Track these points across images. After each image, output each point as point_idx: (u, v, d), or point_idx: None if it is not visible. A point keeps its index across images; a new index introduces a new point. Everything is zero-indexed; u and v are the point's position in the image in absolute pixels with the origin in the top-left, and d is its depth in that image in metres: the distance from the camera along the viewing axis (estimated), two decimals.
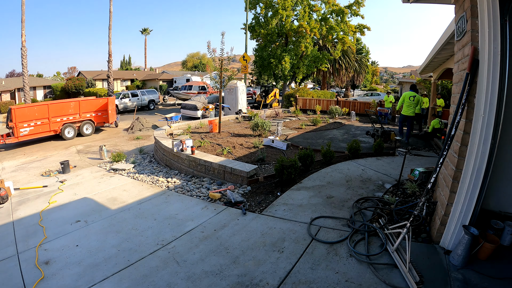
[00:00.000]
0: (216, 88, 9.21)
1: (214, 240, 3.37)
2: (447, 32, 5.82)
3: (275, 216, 3.86)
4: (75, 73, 43.83)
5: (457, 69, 3.19)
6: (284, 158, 5.04)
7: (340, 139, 8.55)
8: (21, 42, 19.46)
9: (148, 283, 2.69)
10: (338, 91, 33.86)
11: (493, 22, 2.43)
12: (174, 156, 6.56)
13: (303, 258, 2.93)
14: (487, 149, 2.57)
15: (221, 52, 8.27)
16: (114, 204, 4.72)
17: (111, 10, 22.03)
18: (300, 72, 19.95)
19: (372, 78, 48.32)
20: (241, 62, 16.44)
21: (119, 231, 3.74)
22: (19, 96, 26.19)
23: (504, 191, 2.90)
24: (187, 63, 61.01)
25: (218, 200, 4.59)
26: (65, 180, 6.29)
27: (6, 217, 4.50)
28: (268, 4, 18.90)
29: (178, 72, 43.34)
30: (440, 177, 3.33)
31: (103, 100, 13.50)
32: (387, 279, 2.53)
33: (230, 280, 2.67)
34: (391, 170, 5.47)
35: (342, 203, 4.11)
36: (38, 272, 2.94)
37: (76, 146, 10.57)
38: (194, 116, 15.23)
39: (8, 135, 10.75)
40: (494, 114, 2.51)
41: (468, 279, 2.49)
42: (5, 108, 20.13)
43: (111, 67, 23.11)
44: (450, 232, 2.81)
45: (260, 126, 8.81)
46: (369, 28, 20.31)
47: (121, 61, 52.53)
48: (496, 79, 2.48)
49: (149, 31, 50.48)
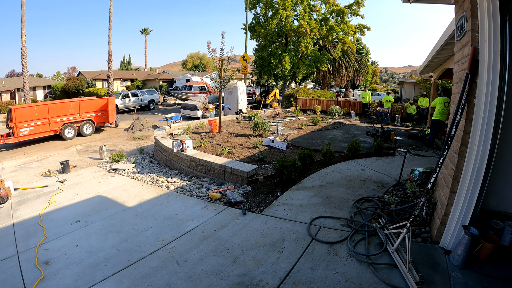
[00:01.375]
0: (216, 88, 9.21)
1: (214, 240, 3.37)
2: (447, 32, 5.83)
3: (275, 216, 3.86)
4: (75, 73, 43.84)
5: (457, 69, 3.18)
6: (284, 158, 5.04)
7: (340, 139, 8.55)
8: (21, 42, 19.46)
9: (148, 283, 2.69)
10: (338, 91, 33.82)
11: (493, 22, 2.43)
12: (174, 156, 6.56)
13: (303, 258, 2.92)
14: (487, 149, 2.56)
15: (221, 52, 8.27)
16: (114, 204, 4.72)
17: (111, 10, 22.03)
18: (300, 72, 19.94)
19: (372, 78, 48.29)
20: (241, 62, 16.45)
21: (119, 231, 3.74)
22: (19, 96, 26.19)
23: (504, 191, 2.89)
24: (187, 63, 61.00)
25: (218, 200, 4.59)
26: (65, 180, 6.29)
27: (6, 217, 4.50)
28: (268, 4, 18.89)
29: (178, 72, 43.32)
30: (440, 177, 3.33)
31: (103, 100, 13.50)
32: (387, 279, 2.53)
33: (230, 280, 2.67)
34: (391, 170, 5.47)
35: (342, 203, 4.11)
36: (38, 272, 2.94)
37: (76, 146, 10.56)
38: (194, 116, 15.23)
39: (8, 135, 10.74)
40: (494, 114, 2.51)
41: (468, 279, 2.49)
42: (5, 108, 20.13)
43: (111, 67, 23.10)
44: (450, 232, 2.81)
45: (260, 126, 8.81)
46: (369, 28, 20.31)
47: (121, 61, 52.55)
48: (496, 79, 2.48)
49: (149, 31, 50.49)
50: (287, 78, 20.31)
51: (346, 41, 19.77)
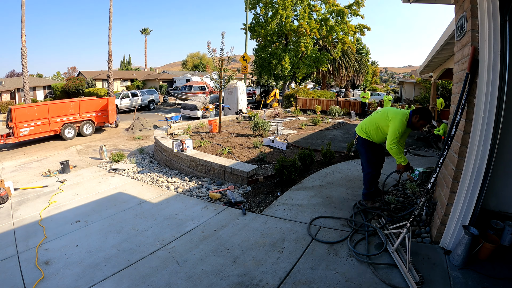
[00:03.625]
0: (216, 88, 9.20)
1: (214, 240, 3.37)
2: (447, 32, 5.83)
3: (275, 216, 3.86)
4: (75, 73, 43.83)
5: (457, 69, 3.18)
6: (284, 158, 5.04)
7: (340, 139, 8.55)
8: (21, 42, 19.47)
9: (148, 283, 2.69)
10: (338, 91, 33.81)
11: (493, 22, 2.43)
12: (174, 156, 6.56)
13: (303, 258, 2.92)
14: (487, 149, 2.56)
15: (221, 52, 8.27)
16: (114, 204, 4.72)
17: (111, 10, 22.03)
18: (300, 72, 19.94)
19: (372, 78, 48.29)
20: (241, 62, 16.45)
21: (119, 231, 3.74)
22: (19, 96, 26.19)
23: (504, 191, 2.89)
24: (187, 63, 61.01)
25: (218, 200, 4.59)
26: (65, 180, 6.29)
27: (6, 217, 4.50)
28: (268, 4, 18.89)
29: (178, 72, 43.32)
30: (440, 177, 3.33)
31: (103, 100, 13.52)
32: (387, 279, 2.53)
33: (230, 280, 2.67)
34: (391, 170, 5.43)
35: (342, 203, 4.11)
36: (38, 272, 2.94)
37: (76, 146, 10.57)
38: (194, 116, 15.23)
39: (8, 135, 10.75)
40: (494, 114, 2.51)
41: (468, 279, 2.49)
42: (5, 108, 20.13)
43: (111, 67, 23.10)
44: (450, 232, 2.81)
45: (260, 126, 8.80)
46: (369, 28, 20.31)
47: (121, 61, 52.58)
48: (496, 79, 2.48)
49: (149, 31, 50.50)
50: (287, 78, 20.32)
51: (346, 41, 19.76)
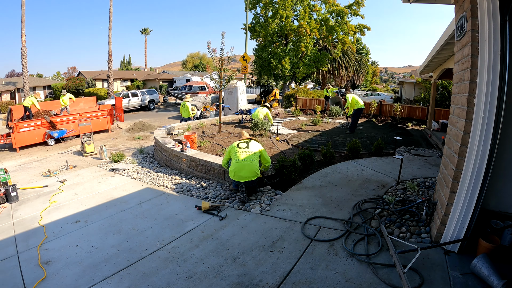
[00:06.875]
0: (216, 88, 9.20)
1: (214, 240, 3.37)
2: (447, 32, 5.82)
3: (275, 216, 3.86)
4: (75, 73, 43.81)
5: (457, 69, 3.18)
6: (284, 158, 5.04)
7: (340, 139, 8.55)
8: (21, 42, 19.50)
9: (148, 283, 2.69)
10: (338, 91, 33.79)
11: (493, 22, 2.42)
12: (174, 156, 6.56)
13: (303, 258, 2.93)
14: (487, 149, 2.56)
15: (221, 52, 8.26)
16: (114, 204, 4.72)
17: (111, 10, 22.04)
18: (300, 72, 19.93)
19: (372, 78, 48.29)
20: (241, 62, 16.44)
21: (119, 231, 3.74)
22: (19, 96, 26.18)
23: (504, 191, 2.89)
24: (187, 63, 61.02)
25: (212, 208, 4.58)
26: (65, 180, 6.29)
27: (6, 217, 4.50)
28: (268, 4, 18.89)
29: (178, 72, 43.32)
30: (440, 177, 3.33)
31: (106, 105, 13.50)
32: (387, 279, 2.53)
33: (230, 280, 2.67)
34: (391, 170, 5.46)
35: (342, 203, 4.11)
36: (38, 272, 2.94)
37: (76, 146, 10.56)
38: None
39: (8, 135, 10.74)
40: (494, 114, 2.51)
41: (468, 279, 2.49)
42: (5, 108, 20.13)
43: (111, 67, 23.12)
44: (450, 232, 2.81)
45: (260, 126, 8.81)
46: (369, 28, 20.30)
47: (121, 61, 52.60)
48: (496, 79, 2.48)
49: (149, 31, 50.49)
50: (287, 78, 20.31)
51: (346, 41, 19.75)
